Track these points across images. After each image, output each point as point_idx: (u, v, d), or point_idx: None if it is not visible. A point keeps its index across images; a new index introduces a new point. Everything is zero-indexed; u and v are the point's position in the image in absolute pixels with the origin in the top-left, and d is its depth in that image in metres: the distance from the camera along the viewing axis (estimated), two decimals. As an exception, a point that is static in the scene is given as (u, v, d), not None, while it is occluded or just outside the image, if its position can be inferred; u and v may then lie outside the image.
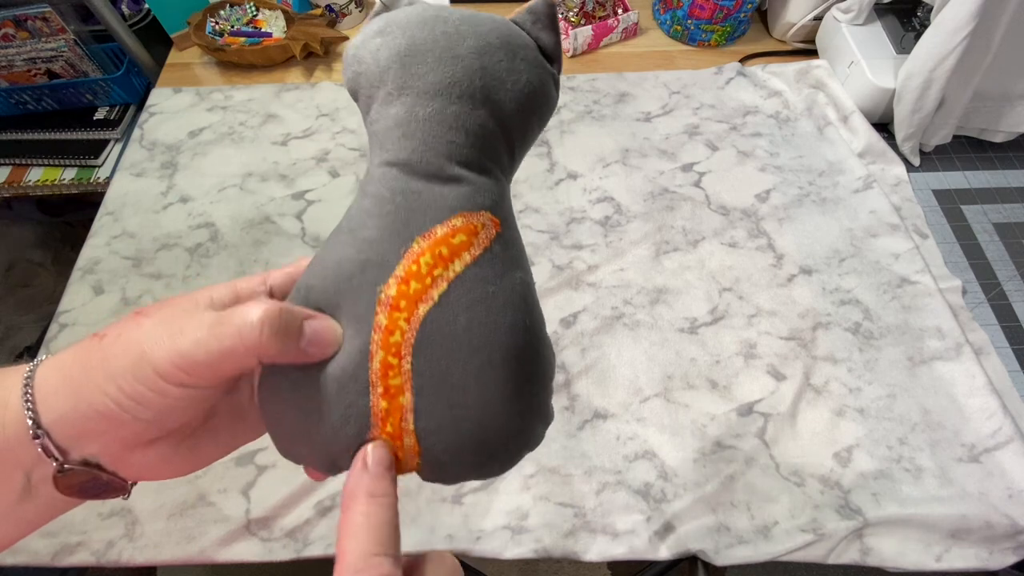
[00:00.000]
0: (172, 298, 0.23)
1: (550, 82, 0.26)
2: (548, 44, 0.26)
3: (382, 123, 0.24)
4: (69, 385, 0.21)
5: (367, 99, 0.25)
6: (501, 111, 0.24)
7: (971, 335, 0.64)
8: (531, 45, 0.26)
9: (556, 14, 0.26)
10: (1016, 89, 0.79)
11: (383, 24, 0.25)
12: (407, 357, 0.21)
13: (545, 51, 0.26)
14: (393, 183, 0.23)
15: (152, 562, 0.53)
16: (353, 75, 0.25)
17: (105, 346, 0.21)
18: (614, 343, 0.64)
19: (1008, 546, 0.53)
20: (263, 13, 0.93)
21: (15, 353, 1.07)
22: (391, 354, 0.21)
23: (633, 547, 0.54)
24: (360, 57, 0.25)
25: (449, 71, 0.23)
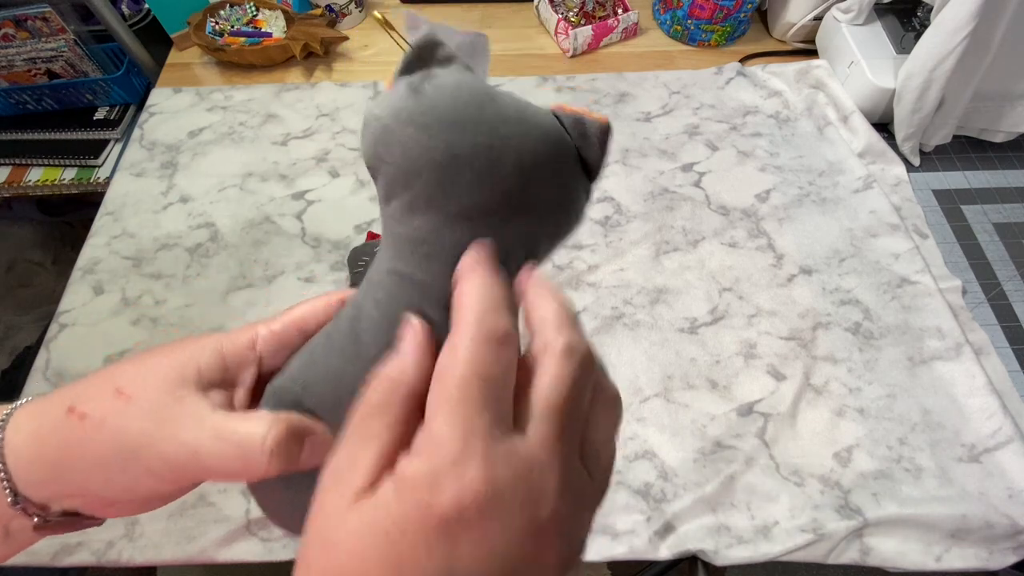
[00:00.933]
0: (152, 359, 0.21)
1: (585, 200, 0.24)
2: (593, 161, 0.23)
3: (403, 228, 0.21)
4: (47, 461, 0.20)
5: (388, 189, 0.21)
6: (533, 236, 0.22)
7: (971, 335, 0.64)
8: (575, 157, 0.23)
9: (610, 139, 0.23)
10: (1016, 89, 0.79)
11: (416, 108, 0.20)
12: None
13: (587, 166, 0.24)
14: (407, 303, 0.21)
15: (152, 562, 0.53)
16: (375, 154, 0.21)
17: (87, 429, 0.20)
18: (614, 343, 0.64)
19: (1008, 546, 0.53)
20: (263, 13, 0.93)
21: (15, 353, 1.07)
22: None
23: (633, 547, 0.54)
24: (387, 141, 0.21)
25: (487, 194, 0.20)
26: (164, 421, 0.20)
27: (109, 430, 0.20)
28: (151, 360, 0.21)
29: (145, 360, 0.21)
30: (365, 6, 0.98)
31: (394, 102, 0.21)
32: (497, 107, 0.21)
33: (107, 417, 0.20)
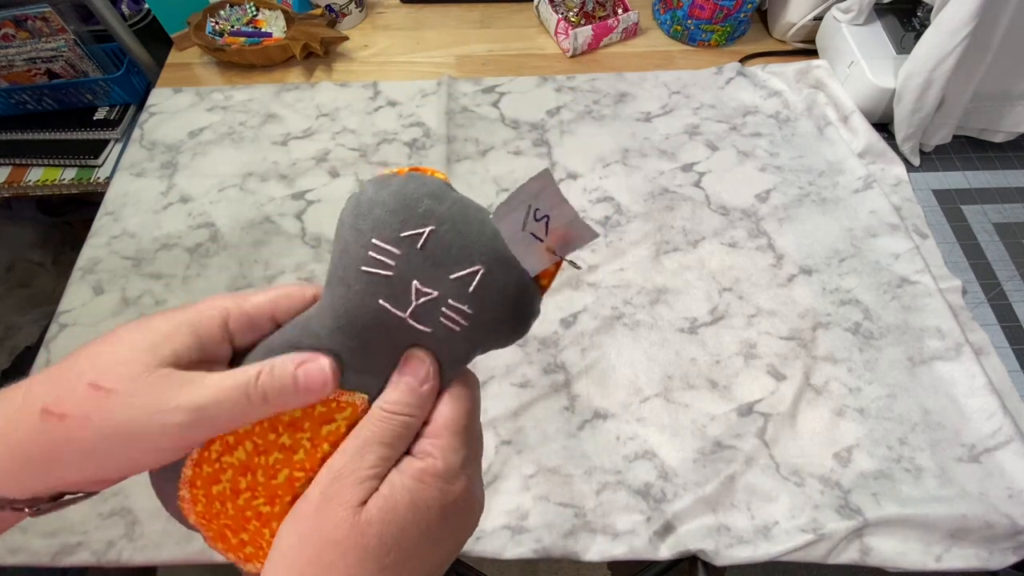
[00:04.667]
0: (121, 346, 0.21)
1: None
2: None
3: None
4: (33, 465, 0.20)
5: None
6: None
7: (971, 335, 0.64)
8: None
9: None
10: (1016, 89, 0.79)
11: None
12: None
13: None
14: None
15: (152, 562, 0.53)
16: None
17: (71, 429, 0.20)
18: (614, 343, 0.64)
19: (1008, 546, 0.53)
20: (263, 13, 0.93)
21: (15, 353, 1.07)
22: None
23: (633, 547, 0.54)
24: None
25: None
26: (156, 400, 0.20)
27: (96, 426, 0.20)
28: (120, 347, 0.21)
29: (114, 347, 0.21)
30: (365, 6, 0.98)
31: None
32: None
33: (90, 414, 0.20)
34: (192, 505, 0.23)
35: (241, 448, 0.23)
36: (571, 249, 0.23)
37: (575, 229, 0.23)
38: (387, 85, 0.88)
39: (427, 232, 0.22)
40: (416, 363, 0.23)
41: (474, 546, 0.54)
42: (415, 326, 0.23)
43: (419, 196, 0.22)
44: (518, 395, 0.61)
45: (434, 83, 0.88)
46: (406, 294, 0.22)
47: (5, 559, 0.53)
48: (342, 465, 0.22)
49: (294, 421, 0.23)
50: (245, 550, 0.24)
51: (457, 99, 0.86)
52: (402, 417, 0.22)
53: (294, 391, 0.22)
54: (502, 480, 0.57)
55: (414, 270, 0.22)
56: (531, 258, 0.23)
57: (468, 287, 0.22)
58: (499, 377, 0.62)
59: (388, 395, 0.23)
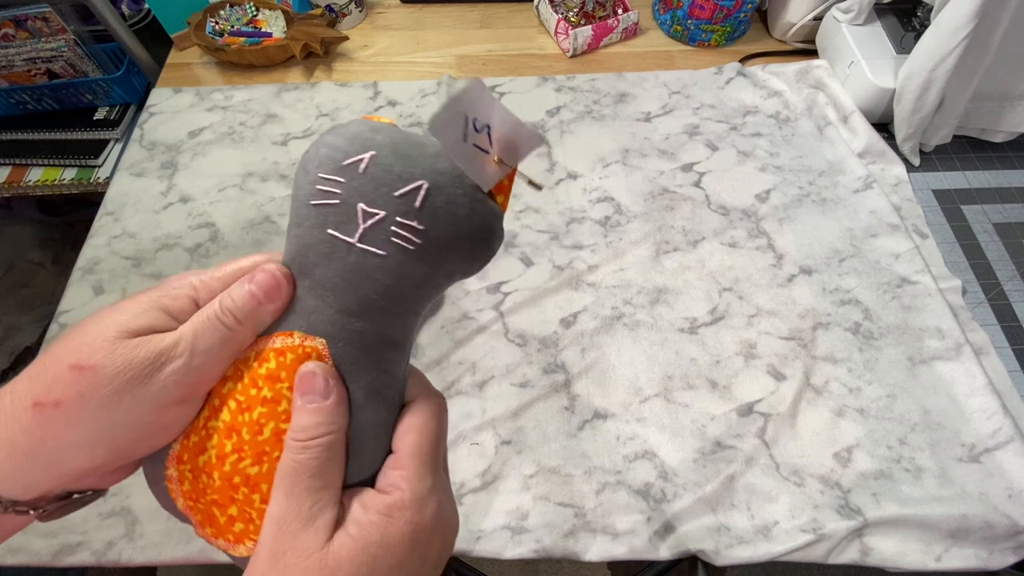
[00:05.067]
0: (93, 328, 0.21)
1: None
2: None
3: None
4: (33, 462, 0.20)
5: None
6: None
7: (971, 335, 0.64)
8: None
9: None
10: (1016, 89, 0.79)
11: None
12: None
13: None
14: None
15: (152, 562, 0.53)
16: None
17: (67, 412, 0.20)
18: (614, 343, 0.64)
19: (1008, 546, 0.53)
20: (263, 13, 0.93)
21: (15, 353, 1.07)
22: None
23: (633, 547, 0.54)
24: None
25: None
26: (144, 358, 0.20)
27: (92, 401, 0.20)
28: (92, 327, 0.21)
29: (86, 329, 0.21)
30: (365, 6, 0.98)
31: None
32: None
33: (83, 393, 0.20)
34: (179, 485, 0.23)
35: (226, 408, 0.22)
36: (518, 157, 0.23)
37: (518, 134, 0.22)
38: (387, 85, 0.88)
39: (367, 157, 0.22)
40: (309, 379, 0.22)
41: (474, 546, 0.54)
42: (367, 249, 0.22)
43: (360, 131, 0.23)
44: (518, 395, 0.61)
45: (434, 83, 0.88)
46: (353, 218, 0.22)
47: (5, 559, 0.53)
48: (282, 512, 0.21)
49: (271, 373, 0.22)
50: (234, 528, 0.22)
51: (457, 99, 0.86)
52: (318, 440, 0.21)
53: (257, 304, 0.22)
54: (502, 480, 0.57)
55: (359, 194, 0.22)
56: (480, 171, 0.23)
57: (414, 203, 0.22)
58: (499, 377, 0.62)
59: (294, 422, 0.22)
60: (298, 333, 0.23)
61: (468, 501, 0.56)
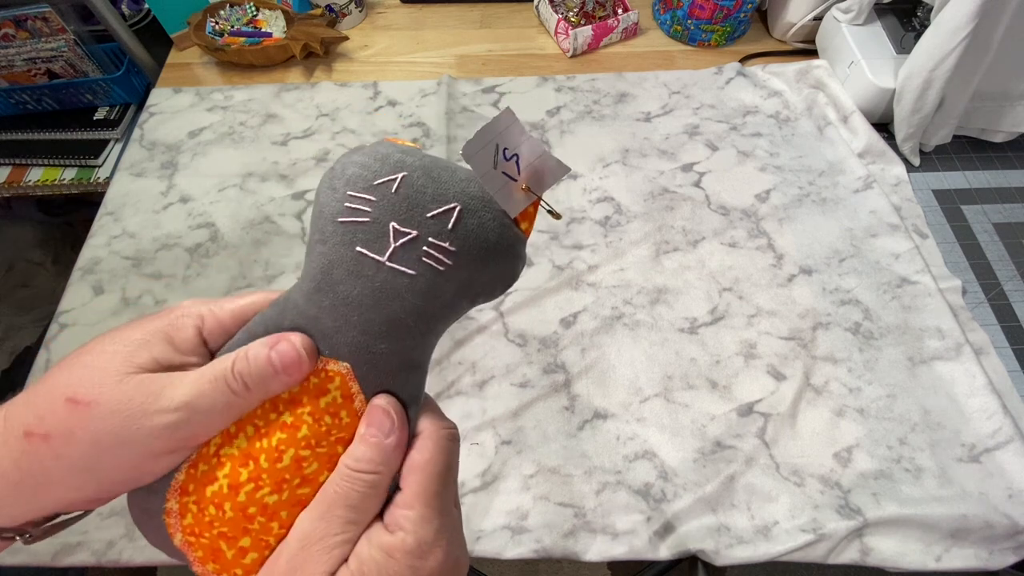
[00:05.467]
0: (95, 358, 0.21)
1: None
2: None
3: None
4: (19, 491, 0.20)
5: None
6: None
7: (971, 335, 0.64)
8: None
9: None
10: (1016, 89, 0.79)
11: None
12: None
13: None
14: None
15: (152, 562, 0.53)
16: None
17: (57, 447, 0.19)
18: (614, 343, 0.64)
19: (1008, 546, 0.53)
20: (263, 13, 0.93)
21: (15, 353, 1.07)
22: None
23: (633, 547, 0.54)
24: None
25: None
26: (140, 405, 0.20)
27: (82, 440, 0.19)
28: (94, 358, 0.21)
29: (88, 359, 0.21)
30: (365, 6, 0.98)
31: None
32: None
33: (74, 430, 0.19)
34: (180, 519, 0.21)
35: (242, 435, 0.22)
36: (545, 186, 0.23)
37: (545, 164, 0.23)
38: (387, 85, 0.88)
39: (400, 177, 0.22)
40: (379, 414, 0.22)
41: (474, 546, 0.54)
42: (396, 268, 0.22)
43: (391, 152, 0.23)
44: (518, 395, 0.61)
45: (434, 83, 0.88)
46: (384, 237, 0.22)
47: (5, 559, 0.53)
48: (310, 530, 0.21)
49: (293, 398, 0.22)
50: (245, 560, 0.21)
51: (457, 99, 0.86)
52: (368, 476, 0.21)
53: (273, 374, 0.21)
54: (502, 480, 0.57)
55: (391, 212, 0.22)
56: (507, 198, 0.23)
57: (447, 224, 0.22)
58: (499, 377, 0.62)
59: (353, 449, 0.22)
60: (321, 357, 0.22)
61: (468, 501, 0.56)
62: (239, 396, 0.21)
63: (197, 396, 0.20)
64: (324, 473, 0.22)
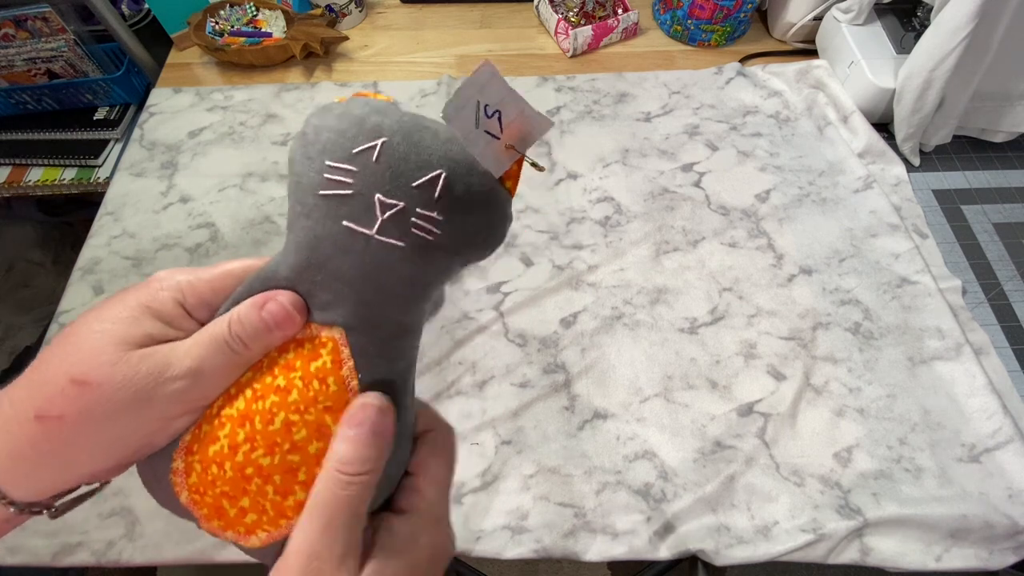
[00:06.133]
0: (91, 336, 0.21)
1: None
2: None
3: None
4: (39, 469, 0.20)
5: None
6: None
7: (971, 335, 0.64)
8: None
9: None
10: (1016, 89, 0.79)
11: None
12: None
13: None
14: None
15: (152, 562, 0.53)
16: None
17: (71, 427, 0.20)
18: (614, 343, 0.64)
19: (1008, 546, 0.53)
20: (263, 13, 0.93)
21: (15, 353, 1.07)
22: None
23: (633, 547, 0.54)
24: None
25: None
26: (149, 377, 0.20)
27: (97, 417, 0.20)
28: (87, 339, 0.21)
29: (84, 340, 0.21)
30: (365, 6, 0.98)
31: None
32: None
33: (88, 408, 0.20)
34: (185, 477, 0.22)
35: (241, 396, 0.22)
36: (528, 143, 0.22)
37: (528, 120, 0.22)
38: (387, 85, 0.88)
39: (380, 144, 0.21)
40: (365, 410, 0.22)
41: (474, 546, 0.54)
42: (386, 241, 0.22)
43: (364, 114, 0.22)
44: (518, 395, 0.61)
45: (434, 83, 0.88)
46: (370, 209, 0.21)
47: (5, 559, 0.53)
48: (315, 547, 0.20)
49: (288, 362, 0.22)
50: (246, 519, 0.22)
51: (457, 99, 0.86)
52: (360, 478, 0.21)
53: (267, 331, 0.22)
54: (502, 480, 0.57)
55: (375, 183, 0.21)
56: (491, 158, 0.22)
57: (434, 193, 0.22)
58: (499, 377, 0.62)
59: (342, 451, 0.21)
60: (314, 324, 0.22)
61: (468, 501, 0.56)
62: (240, 354, 0.22)
63: (201, 360, 0.21)
64: (312, 442, 0.22)
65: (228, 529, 0.22)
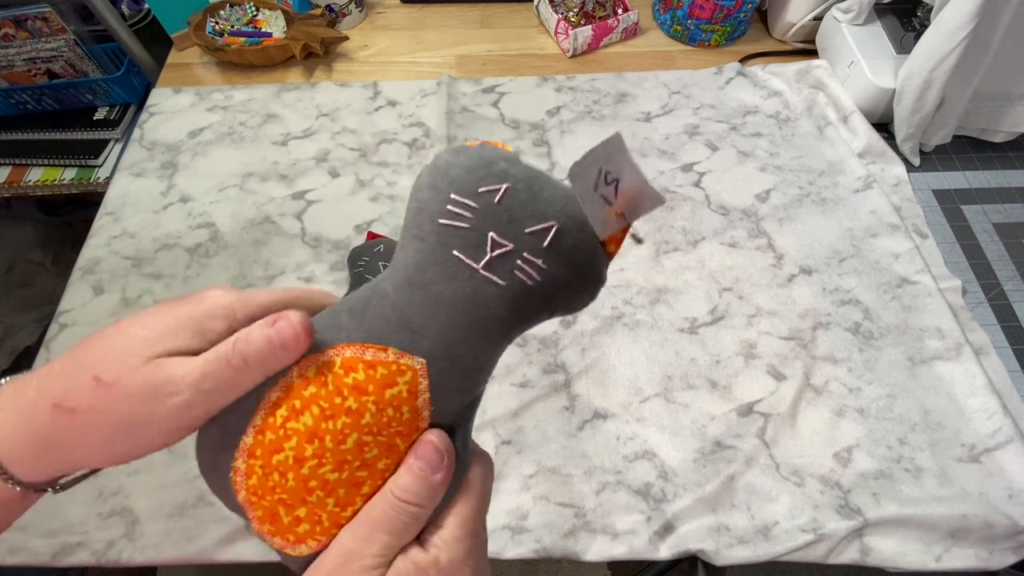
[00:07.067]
0: (121, 339, 0.22)
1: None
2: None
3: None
4: (47, 454, 0.22)
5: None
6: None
7: (971, 335, 0.64)
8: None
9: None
10: (1016, 89, 0.79)
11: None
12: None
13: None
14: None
15: (152, 562, 0.53)
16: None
17: (80, 421, 0.21)
18: (614, 343, 0.64)
19: (1008, 546, 0.53)
20: (263, 13, 0.93)
21: (15, 353, 1.07)
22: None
23: (633, 547, 0.54)
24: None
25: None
26: (153, 388, 0.21)
27: (103, 416, 0.21)
28: (120, 340, 0.22)
29: (114, 340, 0.22)
30: (365, 6, 0.98)
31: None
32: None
33: (96, 406, 0.21)
34: (246, 478, 0.23)
35: (308, 413, 0.22)
36: (639, 214, 0.23)
37: (643, 194, 0.23)
38: (387, 85, 0.88)
39: (504, 188, 0.23)
40: (430, 449, 0.23)
41: (474, 546, 0.54)
42: (489, 277, 0.23)
43: (495, 159, 0.23)
44: (518, 395, 0.61)
45: (434, 83, 0.88)
46: (481, 245, 0.22)
47: (5, 559, 0.53)
48: (352, 548, 0.22)
49: (358, 385, 0.22)
50: (298, 528, 0.23)
51: (457, 99, 0.86)
52: (412, 508, 0.22)
53: (270, 350, 0.22)
54: (502, 480, 0.57)
55: (491, 222, 0.23)
56: (601, 220, 0.23)
57: (543, 242, 0.23)
58: (499, 377, 0.62)
59: (401, 479, 0.23)
60: (392, 350, 0.23)
61: (468, 501, 0.56)
62: (240, 373, 0.22)
63: (202, 377, 0.21)
64: (383, 460, 0.23)
65: (278, 535, 0.23)
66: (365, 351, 0.23)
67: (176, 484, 0.56)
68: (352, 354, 0.23)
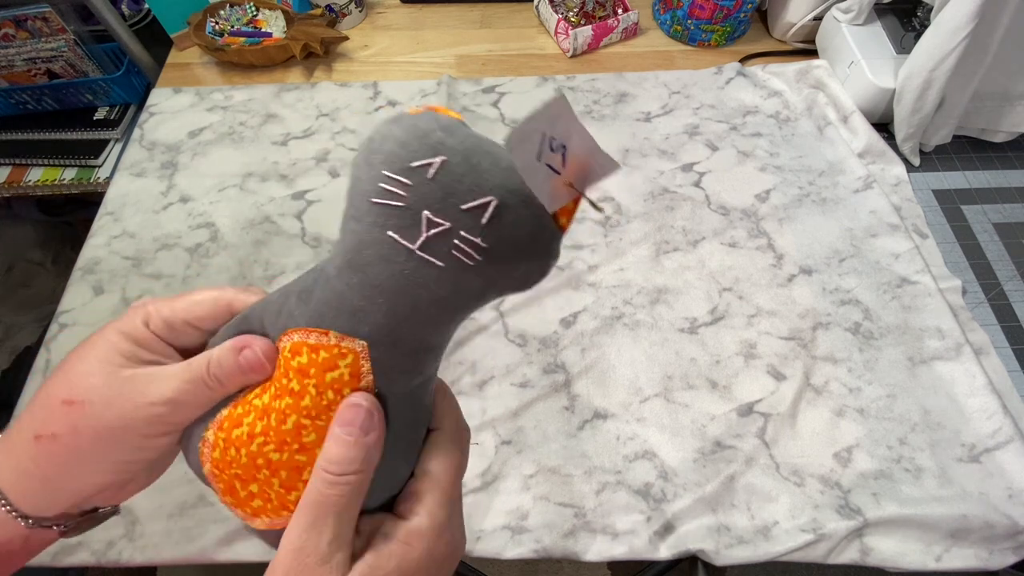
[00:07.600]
0: (80, 363, 0.23)
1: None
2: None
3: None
4: (45, 485, 0.23)
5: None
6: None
7: (971, 335, 0.64)
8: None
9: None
10: (1016, 89, 0.79)
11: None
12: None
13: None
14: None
15: (152, 562, 0.53)
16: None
17: (65, 443, 0.22)
18: (614, 343, 0.64)
19: (1008, 546, 0.53)
20: (263, 13, 0.93)
21: (15, 353, 1.07)
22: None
23: (633, 547, 0.54)
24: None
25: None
26: (130, 399, 0.22)
27: (85, 434, 0.22)
28: (82, 362, 0.23)
29: (77, 364, 0.23)
30: (365, 6, 0.98)
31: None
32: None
33: (76, 426, 0.22)
34: (211, 450, 0.23)
35: (267, 392, 0.23)
36: (590, 183, 0.22)
37: (594, 160, 0.21)
38: (387, 85, 0.88)
39: (438, 162, 0.21)
40: (352, 411, 0.22)
41: (474, 546, 0.54)
42: (426, 258, 0.22)
43: (431, 129, 0.22)
44: (518, 395, 0.61)
45: (434, 83, 0.88)
46: (416, 225, 0.21)
47: (5, 559, 0.53)
48: (302, 543, 0.21)
49: (301, 368, 0.22)
50: (253, 503, 0.23)
51: (457, 99, 0.86)
52: (348, 478, 0.21)
53: (242, 373, 0.23)
54: (502, 480, 0.57)
55: (425, 200, 0.21)
56: (548, 193, 0.22)
57: (481, 219, 0.21)
58: (499, 377, 0.62)
59: (330, 451, 0.22)
60: (334, 333, 0.22)
61: (468, 501, 0.56)
62: (214, 390, 0.23)
63: (179, 393, 0.23)
64: (320, 446, 0.23)
65: (237, 507, 0.24)
66: (309, 335, 0.23)
67: (176, 484, 0.56)
68: (299, 339, 0.23)
